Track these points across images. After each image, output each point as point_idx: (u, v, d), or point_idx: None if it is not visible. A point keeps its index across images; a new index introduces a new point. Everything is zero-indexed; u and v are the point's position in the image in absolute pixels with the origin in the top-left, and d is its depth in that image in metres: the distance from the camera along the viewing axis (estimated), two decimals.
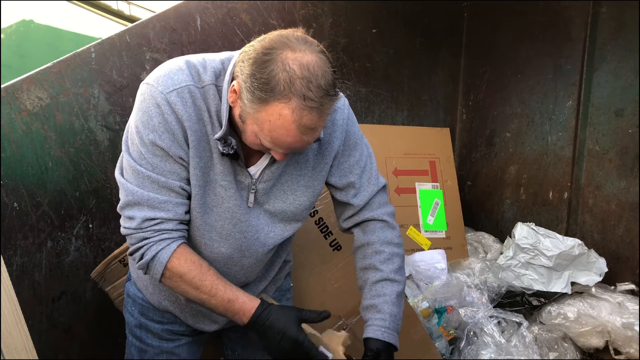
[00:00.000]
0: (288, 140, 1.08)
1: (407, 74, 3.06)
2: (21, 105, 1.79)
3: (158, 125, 1.15)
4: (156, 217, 1.18)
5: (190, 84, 1.17)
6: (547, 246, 2.43)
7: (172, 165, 1.18)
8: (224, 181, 1.23)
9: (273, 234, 1.34)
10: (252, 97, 1.06)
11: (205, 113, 1.18)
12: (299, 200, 1.33)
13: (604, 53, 2.65)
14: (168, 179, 1.18)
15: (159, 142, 1.15)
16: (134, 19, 5.78)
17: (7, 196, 1.76)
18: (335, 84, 1.10)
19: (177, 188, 1.19)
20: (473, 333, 2.27)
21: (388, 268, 1.40)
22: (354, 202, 1.41)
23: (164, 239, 1.20)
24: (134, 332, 1.49)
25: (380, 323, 1.34)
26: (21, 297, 1.27)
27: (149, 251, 1.20)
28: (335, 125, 1.33)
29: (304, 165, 1.31)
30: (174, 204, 1.20)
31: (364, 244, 1.43)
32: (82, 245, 1.97)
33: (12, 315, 1.17)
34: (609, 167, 2.64)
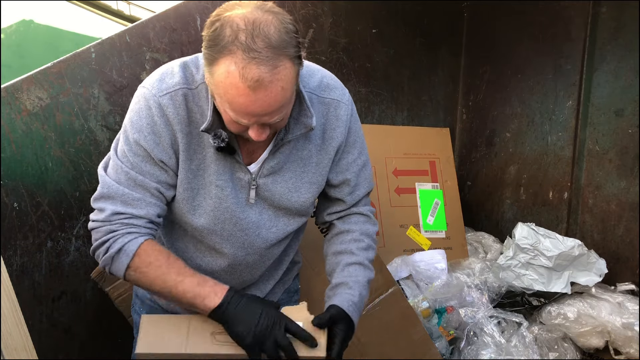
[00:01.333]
0: (241, 100, 1.02)
1: (407, 74, 3.06)
2: (21, 105, 1.79)
3: (145, 126, 1.16)
4: (126, 212, 1.17)
5: (183, 87, 1.17)
6: (547, 246, 2.43)
7: (152, 167, 1.19)
8: (220, 180, 1.22)
9: (275, 228, 1.32)
10: (206, 60, 1.05)
11: (197, 114, 1.18)
12: (303, 197, 1.31)
13: (604, 53, 2.65)
14: (145, 179, 1.18)
15: (142, 143, 1.16)
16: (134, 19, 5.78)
17: (7, 196, 1.76)
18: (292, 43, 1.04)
19: (153, 189, 1.19)
20: (473, 333, 2.27)
21: (364, 255, 1.38)
22: (347, 200, 1.39)
23: (132, 232, 1.18)
24: None
25: (349, 297, 1.30)
26: (21, 297, 1.27)
27: (115, 244, 1.17)
28: (339, 120, 1.31)
29: (308, 161, 1.30)
30: (146, 203, 1.19)
31: (342, 232, 1.41)
32: (82, 245, 1.97)
33: (12, 315, 1.17)
34: (609, 167, 2.64)
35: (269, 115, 1.07)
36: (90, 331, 2.04)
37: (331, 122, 1.30)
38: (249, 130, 1.10)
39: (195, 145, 1.20)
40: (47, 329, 1.91)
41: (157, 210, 1.21)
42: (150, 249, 1.18)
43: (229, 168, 1.23)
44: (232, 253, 1.30)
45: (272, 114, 1.07)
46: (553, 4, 2.82)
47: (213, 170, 1.21)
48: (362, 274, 1.35)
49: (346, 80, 2.72)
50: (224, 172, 1.22)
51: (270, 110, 1.06)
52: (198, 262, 1.33)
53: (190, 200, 1.23)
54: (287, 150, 1.26)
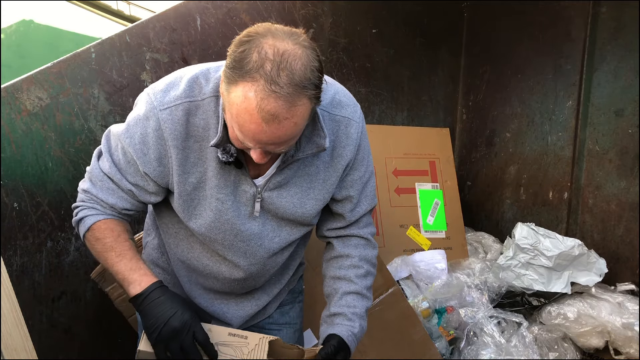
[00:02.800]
0: (251, 127, 1.02)
1: (407, 74, 3.06)
2: (21, 105, 1.79)
3: (138, 135, 1.18)
4: (97, 196, 1.25)
5: (185, 101, 1.16)
6: (547, 246, 2.43)
7: (134, 171, 1.23)
8: (221, 194, 1.21)
9: (278, 238, 1.32)
10: (226, 77, 1.05)
11: (200, 128, 1.18)
12: (308, 212, 1.31)
13: (604, 53, 2.65)
14: (123, 178, 1.23)
15: (130, 149, 1.20)
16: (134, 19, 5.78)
17: (7, 196, 1.76)
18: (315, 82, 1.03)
19: (126, 189, 1.24)
20: (473, 333, 2.27)
21: (362, 283, 1.38)
22: (348, 216, 1.38)
23: (95, 208, 1.26)
24: None
25: (350, 329, 1.32)
26: (21, 297, 1.27)
27: (80, 213, 1.27)
28: (349, 139, 1.29)
29: (315, 177, 1.29)
30: (117, 196, 1.25)
31: (342, 255, 1.41)
32: (82, 245, 1.96)
33: (12, 315, 1.17)
34: (609, 167, 2.64)
35: (275, 145, 1.07)
36: (90, 331, 2.04)
37: (341, 140, 1.28)
38: (252, 151, 1.10)
39: (195, 159, 1.20)
40: (47, 329, 1.91)
41: (125, 204, 1.26)
42: (103, 227, 1.25)
43: (231, 182, 1.22)
44: (234, 260, 1.31)
45: (278, 145, 1.07)
46: (553, 4, 2.82)
47: (214, 184, 1.21)
48: (360, 304, 1.36)
49: (346, 80, 2.72)
50: (225, 185, 1.21)
51: (278, 142, 1.06)
52: (205, 261, 1.33)
53: (191, 209, 1.24)
54: (295, 166, 1.25)
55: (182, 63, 2.16)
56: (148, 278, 1.22)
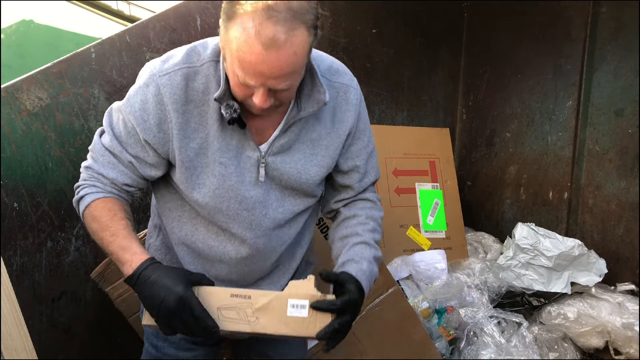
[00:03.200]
0: (252, 58, 1.02)
1: (407, 74, 3.06)
2: (21, 105, 1.79)
3: (138, 102, 1.20)
4: (97, 170, 1.26)
5: (183, 67, 1.19)
6: (547, 246, 2.43)
7: (135, 142, 1.23)
8: (223, 158, 1.21)
9: (282, 209, 1.31)
10: (223, 18, 1.06)
11: (200, 92, 1.19)
12: (312, 179, 1.30)
13: (604, 53, 2.65)
14: (123, 150, 1.24)
15: (130, 117, 1.21)
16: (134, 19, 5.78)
17: (7, 196, 1.76)
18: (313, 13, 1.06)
19: (126, 161, 1.24)
20: (473, 333, 2.27)
21: (369, 235, 1.36)
22: (356, 187, 1.39)
23: (96, 186, 1.26)
24: (150, 340, 1.46)
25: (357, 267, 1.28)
26: (21, 297, 1.27)
27: (81, 192, 1.28)
28: (349, 104, 1.32)
29: (317, 143, 1.29)
30: (118, 170, 1.25)
31: (348, 217, 1.40)
32: (82, 245, 1.97)
33: (12, 316, 1.17)
34: (609, 167, 2.64)
35: (277, 80, 1.07)
36: (90, 331, 2.04)
37: (341, 105, 1.31)
38: (254, 95, 1.10)
39: (196, 124, 1.21)
40: (47, 329, 1.91)
41: (125, 179, 1.26)
42: (101, 205, 1.24)
43: (234, 146, 1.22)
44: (240, 234, 1.28)
45: (279, 79, 1.07)
46: (553, 4, 2.82)
47: (216, 147, 1.21)
48: (368, 251, 1.33)
49: None
50: (228, 149, 1.22)
51: (278, 74, 1.06)
52: (210, 242, 1.32)
53: (193, 178, 1.23)
54: (297, 129, 1.26)
55: None
56: (138, 257, 1.18)
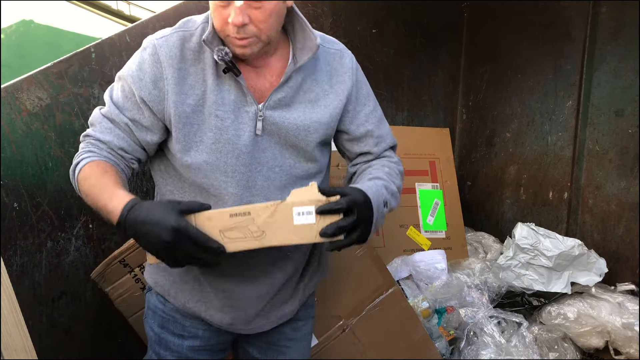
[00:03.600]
0: None
1: (407, 74, 3.06)
2: (21, 105, 1.79)
3: (135, 64, 1.25)
4: (94, 135, 1.28)
5: (179, 30, 1.27)
6: (547, 246, 2.43)
7: (131, 105, 1.26)
8: (219, 111, 1.23)
9: (279, 168, 1.29)
10: None
11: (195, 52, 1.25)
12: (311, 136, 1.30)
13: (604, 53, 2.65)
14: (120, 113, 1.27)
15: (127, 78, 1.25)
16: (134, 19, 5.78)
17: (7, 196, 1.76)
18: None
19: (123, 124, 1.27)
20: (473, 333, 2.27)
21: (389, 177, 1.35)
22: (374, 150, 1.41)
23: (92, 151, 1.28)
24: (153, 348, 1.44)
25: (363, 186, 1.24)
26: (21, 297, 1.27)
27: (78, 157, 1.28)
28: (344, 67, 1.36)
29: (315, 103, 1.31)
30: (114, 134, 1.27)
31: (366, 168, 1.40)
32: (82, 245, 1.97)
33: (11, 316, 1.17)
34: (609, 167, 2.64)
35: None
36: (90, 331, 2.04)
37: (337, 69, 1.35)
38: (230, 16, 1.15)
39: (192, 81, 1.24)
40: (47, 329, 1.91)
41: (121, 143, 1.27)
42: (94, 166, 1.24)
43: (232, 101, 1.24)
44: (237, 193, 1.26)
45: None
46: (553, 4, 2.82)
47: (212, 101, 1.24)
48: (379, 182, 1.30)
49: None
50: (224, 103, 1.24)
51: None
52: None
53: (191, 136, 1.24)
54: (295, 85, 1.28)
55: None
56: (122, 200, 1.12)
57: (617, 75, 2.60)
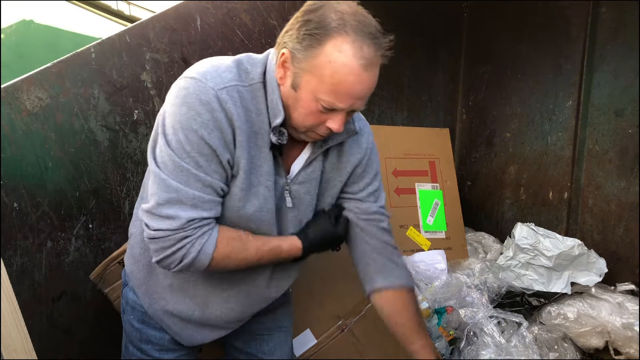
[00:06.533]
0: (350, 79, 1.05)
1: (407, 74, 3.06)
2: (21, 106, 1.79)
3: (209, 121, 1.09)
4: (199, 217, 1.12)
5: (238, 84, 1.14)
6: (547, 246, 2.43)
7: (217, 166, 1.13)
8: (269, 182, 1.20)
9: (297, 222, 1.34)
10: (306, 45, 1.06)
11: (253, 113, 1.16)
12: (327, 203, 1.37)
13: (604, 53, 2.65)
14: (214, 180, 1.13)
15: (208, 140, 1.09)
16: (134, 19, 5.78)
17: (7, 196, 1.76)
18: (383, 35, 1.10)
19: (219, 189, 1.15)
20: (473, 333, 2.27)
21: None
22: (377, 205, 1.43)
23: (205, 232, 1.15)
24: (134, 343, 1.45)
25: None
26: (21, 297, 1.27)
27: (193, 248, 1.13)
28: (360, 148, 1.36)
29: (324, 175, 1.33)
30: (216, 204, 1.16)
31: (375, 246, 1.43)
32: (82, 246, 1.97)
33: (11, 316, 1.17)
34: (609, 167, 2.64)
35: (362, 100, 1.12)
36: (90, 331, 2.04)
37: (351, 147, 1.34)
38: (330, 120, 1.13)
39: (252, 144, 1.17)
40: (47, 329, 1.90)
41: (221, 208, 1.18)
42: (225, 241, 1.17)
43: (274, 170, 1.22)
44: None
45: (363, 99, 1.12)
46: (553, 4, 2.82)
47: (264, 171, 1.20)
48: None
49: None
50: (270, 174, 1.21)
51: (366, 94, 1.12)
52: None
53: (243, 200, 1.19)
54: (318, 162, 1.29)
55: (182, 63, 2.16)
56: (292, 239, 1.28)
57: (617, 75, 2.60)
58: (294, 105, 1.13)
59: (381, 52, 1.09)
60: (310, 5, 1.10)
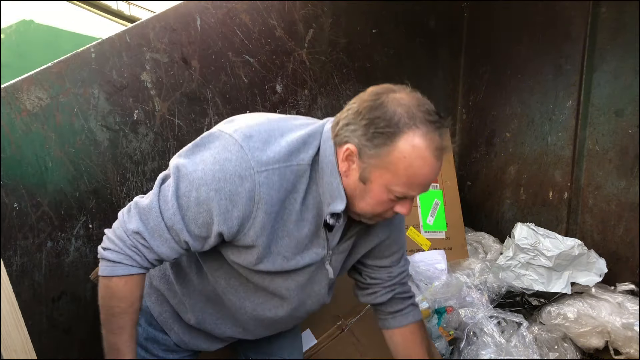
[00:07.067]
0: (425, 170, 1.08)
1: (407, 74, 3.06)
2: (21, 105, 1.79)
3: (227, 192, 1.09)
4: (148, 243, 1.16)
5: (283, 165, 1.12)
6: (547, 246, 2.43)
7: (200, 228, 1.14)
8: (287, 252, 1.21)
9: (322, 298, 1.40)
10: (377, 142, 1.07)
11: (291, 194, 1.14)
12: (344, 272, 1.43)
13: (604, 53, 2.65)
14: (183, 230, 1.14)
15: (212, 204, 1.10)
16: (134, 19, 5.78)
17: (7, 196, 1.76)
18: None
19: (183, 242, 1.16)
20: (473, 333, 2.27)
21: None
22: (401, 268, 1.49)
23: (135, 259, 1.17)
24: (140, 343, 1.43)
25: None
26: (21, 297, 1.27)
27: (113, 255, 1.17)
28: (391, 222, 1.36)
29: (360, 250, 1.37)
30: (170, 247, 1.17)
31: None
32: (82, 246, 1.97)
33: (11, 316, 1.17)
34: (609, 167, 2.64)
35: (430, 184, 1.15)
36: (90, 331, 2.04)
37: None
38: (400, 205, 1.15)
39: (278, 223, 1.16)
40: (47, 329, 1.90)
41: (171, 255, 1.19)
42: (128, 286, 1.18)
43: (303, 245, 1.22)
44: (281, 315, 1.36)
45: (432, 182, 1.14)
46: (553, 4, 2.82)
47: (285, 243, 1.19)
48: None
49: (346, 80, 2.72)
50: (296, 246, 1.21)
51: (435, 178, 1.13)
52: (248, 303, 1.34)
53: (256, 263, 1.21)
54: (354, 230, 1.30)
55: (182, 63, 2.16)
56: None
57: (617, 75, 2.60)
58: (361, 196, 1.14)
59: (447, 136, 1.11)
60: (371, 101, 1.09)
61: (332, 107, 2.66)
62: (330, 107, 2.65)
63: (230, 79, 2.31)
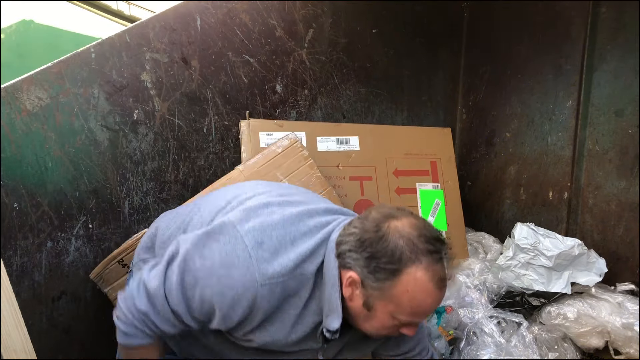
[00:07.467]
0: (428, 301, 1.09)
1: (407, 74, 3.06)
2: (21, 105, 1.79)
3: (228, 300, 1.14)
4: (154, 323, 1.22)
5: (287, 278, 1.14)
6: (547, 246, 2.43)
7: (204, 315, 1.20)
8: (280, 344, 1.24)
9: None
10: (380, 277, 1.08)
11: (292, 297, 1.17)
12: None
13: (604, 53, 2.65)
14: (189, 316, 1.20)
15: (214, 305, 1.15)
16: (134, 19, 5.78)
17: (7, 196, 1.76)
18: None
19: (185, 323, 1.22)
20: (473, 333, 2.27)
21: None
22: None
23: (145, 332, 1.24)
24: None
25: None
26: (21, 297, 1.27)
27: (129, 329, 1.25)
28: None
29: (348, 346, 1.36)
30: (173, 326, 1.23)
31: None
32: (82, 245, 1.97)
33: (11, 316, 1.17)
34: (609, 167, 2.64)
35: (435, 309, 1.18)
36: (90, 331, 2.04)
37: None
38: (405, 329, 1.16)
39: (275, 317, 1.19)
40: (46, 329, 1.90)
41: (176, 332, 1.24)
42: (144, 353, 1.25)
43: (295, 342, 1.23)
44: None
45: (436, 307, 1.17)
46: (553, 4, 2.82)
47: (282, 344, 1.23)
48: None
49: (346, 80, 2.72)
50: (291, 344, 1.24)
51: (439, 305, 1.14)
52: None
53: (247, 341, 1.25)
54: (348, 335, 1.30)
55: (182, 63, 2.16)
56: None
57: (617, 75, 2.60)
58: (366, 319, 1.16)
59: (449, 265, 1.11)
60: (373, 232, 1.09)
61: (332, 107, 2.66)
62: (330, 107, 2.65)
63: (230, 79, 2.31)
